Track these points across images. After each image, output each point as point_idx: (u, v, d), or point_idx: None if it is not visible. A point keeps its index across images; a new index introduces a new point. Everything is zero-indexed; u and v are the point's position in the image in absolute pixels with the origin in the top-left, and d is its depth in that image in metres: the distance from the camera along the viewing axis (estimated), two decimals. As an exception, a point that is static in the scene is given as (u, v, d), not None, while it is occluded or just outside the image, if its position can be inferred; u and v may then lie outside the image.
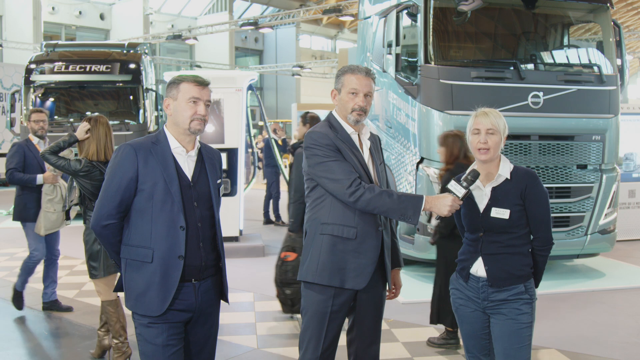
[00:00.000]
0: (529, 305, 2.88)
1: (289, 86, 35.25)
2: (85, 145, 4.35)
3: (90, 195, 4.30)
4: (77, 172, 4.24)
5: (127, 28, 27.42)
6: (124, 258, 2.72)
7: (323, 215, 2.99)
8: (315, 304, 3.00)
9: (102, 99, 12.41)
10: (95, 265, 4.29)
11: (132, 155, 2.65)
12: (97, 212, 2.69)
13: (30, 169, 5.56)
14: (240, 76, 9.00)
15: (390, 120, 7.29)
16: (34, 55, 12.47)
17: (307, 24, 34.90)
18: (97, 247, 4.26)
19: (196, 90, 2.70)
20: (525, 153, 6.73)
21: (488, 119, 2.85)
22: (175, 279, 2.64)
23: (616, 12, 26.53)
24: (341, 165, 2.93)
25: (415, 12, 6.72)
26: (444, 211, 2.81)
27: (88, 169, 4.24)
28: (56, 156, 4.37)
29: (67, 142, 4.42)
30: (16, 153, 5.53)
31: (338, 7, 19.72)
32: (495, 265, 2.88)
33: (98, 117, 4.45)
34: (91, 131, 4.36)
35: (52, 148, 4.41)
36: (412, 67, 6.90)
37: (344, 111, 3.04)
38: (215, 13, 31.54)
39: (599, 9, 7.35)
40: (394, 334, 5.17)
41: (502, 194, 2.87)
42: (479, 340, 3.00)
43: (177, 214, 2.65)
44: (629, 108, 9.69)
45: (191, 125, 2.70)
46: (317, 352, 3.00)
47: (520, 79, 6.68)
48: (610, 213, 7.12)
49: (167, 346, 2.66)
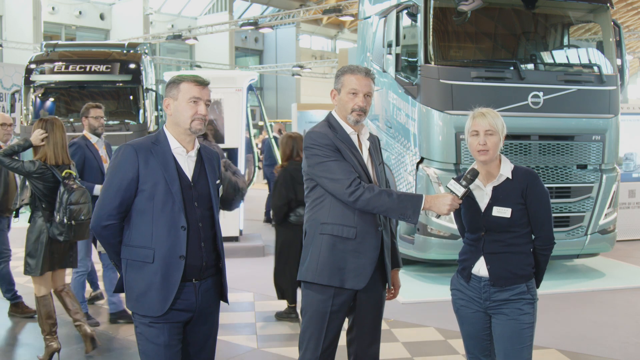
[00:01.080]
0: (531, 306, 2.88)
1: (289, 86, 35.23)
2: (42, 149, 4.45)
3: (41, 196, 4.44)
4: (31, 173, 4.38)
5: (127, 28, 27.40)
6: (125, 259, 2.72)
7: (323, 215, 2.99)
8: (315, 304, 3.00)
9: (102, 99, 12.37)
10: (32, 263, 4.42)
11: (133, 155, 2.65)
12: (97, 213, 2.69)
13: (90, 172, 5.19)
14: (240, 76, 9.01)
15: (390, 120, 7.29)
16: (34, 55, 12.46)
17: (307, 24, 34.87)
18: (38, 246, 4.41)
19: (196, 90, 2.70)
20: (525, 153, 6.73)
21: (486, 119, 2.85)
22: (177, 279, 2.64)
23: (616, 12, 26.52)
24: (341, 165, 2.93)
25: (415, 12, 6.72)
26: (443, 210, 2.82)
27: (42, 172, 4.38)
28: (10, 158, 4.47)
29: (22, 147, 4.49)
30: (75, 154, 5.10)
31: (338, 7, 19.71)
32: (497, 264, 2.88)
33: (53, 120, 4.53)
34: (47, 136, 4.44)
35: (6, 151, 4.50)
36: (412, 67, 6.90)
37: (343, 111, 3.04)
38: (215, 13, 31.52)
39: (599, 9, 7.35)
40: (394, 334, 5.16)
41: (503, 193, 2.87)
42: (480, 340, 2.99)
43: (178, 214, 2.65)
44: (629, 108, 9.68)
45: (192, 125, 2.70)
46: (317, 352, 3.00)
47: (520, 79, 6.68)
48: (610, 213, 7.12)
49: (169, 346, 2.66)
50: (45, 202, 4.43)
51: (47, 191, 4.41)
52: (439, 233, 6.54)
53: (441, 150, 6.56)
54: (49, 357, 4.46)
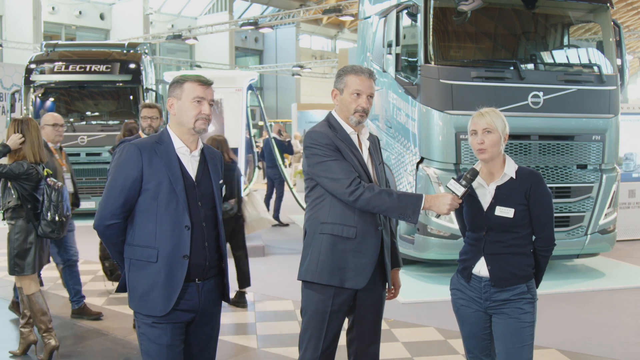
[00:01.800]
0: (532, 305, 2.89)
1: (289, 86, 35.24)
2: (21, 150, 4.48)
3: (28, 197, 4.48)
4: (20, 175, 4.41)
5: (127, 28, 27.40)
6: (128, 258, 2.72)
7: (322, 214, 2.99)
8: (315, 304, 3.01)
9: (102, 99, 12.42)
10: (21, 263, 4.45)
11: (137, 154, 2.65)
12: (101, 212, 2.69)
13: None
14: (240, 76, 9.02)
15: (390, 120, 7.29)
16: (34, 55, 12.46)
17: (307, 24, 34.88)
18: (27, 246, 4.46)
19: (200, 90, 2.70)
20: (525, 153, 6.73)
21: (484, 118, 2.86)
22: (180, 278, 2.64)
23: (616, 12, 26.53)
24: (341, 165, 2.93)
25: (415, 12, 6.72)
26: (443, 210, 2.82)
27: (31, 172, 4.43)
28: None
29: (1, 153, 4.50)
30: None
31: (338, 7, 19.71)
32: (498, 265, 2.88)
33: (28, 120, 4.57)
34: (25, 137, 4.48)
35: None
36: (412, 67, 6.90)
37: (346, 112, 3.04)
38: (215, 13, 31.53)
39: (599, 9, 7.35)
40: (394, 334, 5.17)
41: (506, 193, 2.88)
42: (480, 340, 3.00)
43: (182, 213, 2.65)
44: (629, 108, 9.69)
45: (196, 125, 2.70)
46: (317, 352, 3.00)
47: (520, 79, 6.68)
48: (610, 213, 7.12)
49: (171, 346, 2.66)
50: (31, 202, 4.48)
51: (32, 190, 4.48)
52: (438, 233, 6.54)
53: (441, 150, 6.57)
54: (49, 355, 4.47)
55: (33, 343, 4.63)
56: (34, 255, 4.49)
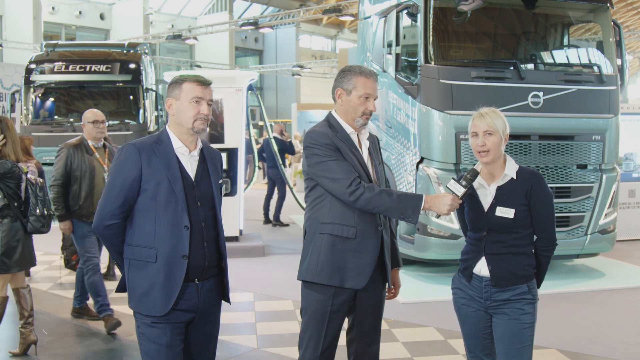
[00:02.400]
0: (532, 306, 2.88)
1: (289, 86, 35.23)
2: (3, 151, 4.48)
3: (13, 195, 4.48)
4: (5, 174, 4.41)
5: (127, 28, 27.39)
6: (127, 258, 2.72)
7: (322, 214, 2.99)
8: (315, 304, 3.00)
9: (102, 99, 12.41)
10: (8, 262, 4.47)
11: (136, 155, 2.65)
12: (100, 212, 2.69)
13: None
14: (240, 76, 9.01)
15: (390, 120, 7.29)
16: (34, 55, 12.47)
17: (307, 24, 34.87)
18: (15, 243, 4.48)
19: (199, 90, 2.70)
20: (525, 153, 6.73)
21: (484, 120, 2.85)
22: (179, 278, 2.64)
23: (616, 12, 26.52)
24: (341, 165, 2.93)
25: (415, 12, 6.72)
26: (443, 210, 2.82)
27: (15, 170, 4.45)
28: None
29: None
30: None
31: (338, 7, 19.71)
32: (498, 265, 2.88)
33: (5, 120, 4.56)
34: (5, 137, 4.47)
35: None
36: (412, 67, 6.90)
37: (352, 113, 3.03)
38: (215, 13, 31.52)
39: (599, 9, 7.35)
40: (394, 334, 5.17)
41: (507, 194, 2.88)
42: (481, 340, 3.00)
43: (181, 213, 2.65)
44: (629, 108, 9.69)
45: (194, 125, 2.70)
46: (316, 352, 3.00)
47: (520, 79, 6.68)
48: (610, 213, 7.12)
49: (171, 346, 2.66)
50: (17, 201, 4.50)
51: (16, 188, 4.51)
52: (438, 233, 6.54)
53: (441, 150, 6.57)
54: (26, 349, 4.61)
55: (33, 343, 4.64)
56: (20, 253, 4.52)
